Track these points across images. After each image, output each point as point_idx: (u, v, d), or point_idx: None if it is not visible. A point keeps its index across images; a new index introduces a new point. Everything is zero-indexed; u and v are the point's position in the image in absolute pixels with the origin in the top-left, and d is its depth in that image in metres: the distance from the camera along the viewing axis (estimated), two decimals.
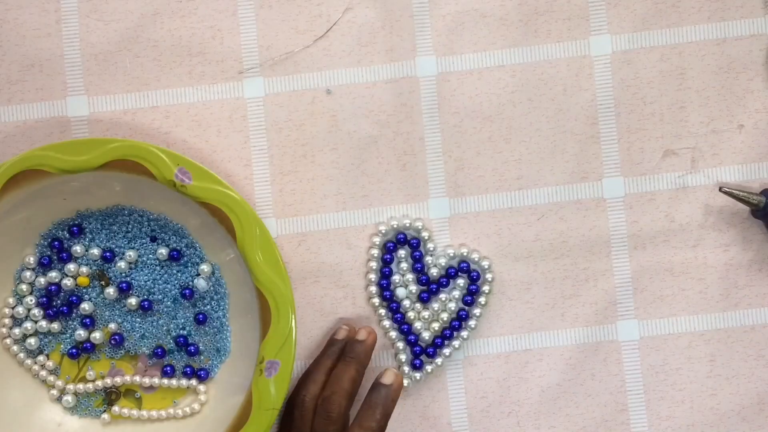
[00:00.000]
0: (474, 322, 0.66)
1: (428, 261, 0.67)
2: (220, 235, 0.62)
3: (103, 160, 0.61)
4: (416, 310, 0.67)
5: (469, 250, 0.67)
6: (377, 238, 0.66)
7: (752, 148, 0.66)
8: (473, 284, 0.66)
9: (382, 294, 0.67)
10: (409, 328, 0.67)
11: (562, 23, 0.66)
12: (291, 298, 0.61)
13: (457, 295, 0.66)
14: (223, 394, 0.64)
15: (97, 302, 0.65)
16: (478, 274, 0.67)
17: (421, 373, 0.67)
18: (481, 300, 0.66)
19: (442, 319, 0.67)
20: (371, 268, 0.66)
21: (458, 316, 0.67)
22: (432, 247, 0.66)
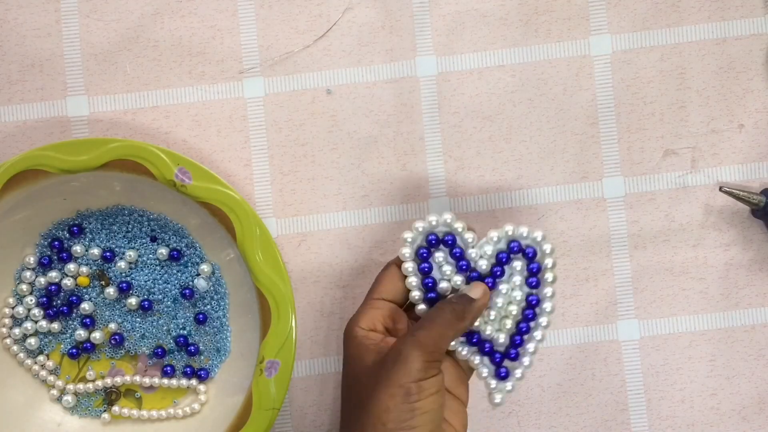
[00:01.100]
0: (549, 305, 0.59)
1: (472, 254, 0.59)
2: (220, 235, 0.62)
3: (103, 160, 0.61)
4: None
5: (514, 227, 0.59)
6: (406, 249, 0.59)
7: (752, 148, 0.66)
8: (532, 263, 0.59)
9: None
10: (478, 336, 0.59)
11: (562, 23, 0.66)
12: (291, 298, 0.61)
13: (518, 282, 0.59)
14: (223, 394, 0.64)
15: (97, 302, 0.65)
16: (534, 250, 0.59)
17: (512, 382, 0.60)
18: (547, 277, 0.59)
19: (511, 314, 0.60)
20: (411, 285, 0.59)
21: (529, 304, 0.59)
22: (471, 238, 0.59)
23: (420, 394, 0.55)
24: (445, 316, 0.57)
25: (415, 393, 0.55)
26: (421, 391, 0.55)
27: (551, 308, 0.59)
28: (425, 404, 0.55)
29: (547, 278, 0.59)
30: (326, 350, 0.66)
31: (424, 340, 0.56)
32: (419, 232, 0.59)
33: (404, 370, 0.55)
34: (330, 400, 0.66)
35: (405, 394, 0.55)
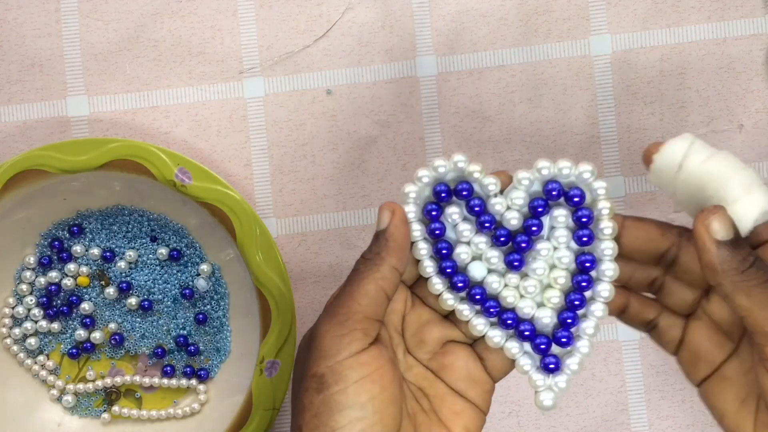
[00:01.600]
0: (611, 267, 0.45)
1: (496, 206, 0.45)
2: (220, 235, 0.62)
3: (103, 160, 0.61)
4: (512, 285, 0.46)
5: (551, 164, 0.45)
6: (410, 207, 0.46)
7: (752, 148, 0.66)
8: (581, 210, 0.45)
9: (451, 285, 0.46)
10: (514, 317, 0.46)
11: (562, 23, 0.66)
12: (291, 298, 0.61)
13: (563, 238, 0.45)
14: (223, 394, 0.64)
15: (97, 302, 0.65)
16: (582, 192, 0.45)
17: (566, 376, 0.46)
18: (604, 228, 0.45)
19: (557, 283, 0.46)
20: (420, 253, 0.47)
21: (581, 268, 0.45)
22: (493, 185, 0.45)
23: (337, 382, 0.43)
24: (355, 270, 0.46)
25: (328, 381, 0.43)
26: (338, 379, 0.43)
27: (614, 271, 0.45)
28: (347, 396, 0.43)
29: (604, 229, 0.45)
30: None
31: (330, 306, 0.45)
32: (424, 183, 0.46)
33: (314, 353, 0.44)
34: None
35: (317, 385, 0.43)
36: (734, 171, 0.48)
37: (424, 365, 0.49)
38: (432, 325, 0.49)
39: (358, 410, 0.43)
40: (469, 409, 0.48)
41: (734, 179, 0.48)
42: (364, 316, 0.44)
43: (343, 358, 0.43)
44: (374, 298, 0.45)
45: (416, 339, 0.49)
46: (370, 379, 0.43)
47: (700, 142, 0.50)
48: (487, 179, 0.45)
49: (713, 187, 0.48)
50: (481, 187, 0.46)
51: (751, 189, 0.48)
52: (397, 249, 0.45)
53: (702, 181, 0.48)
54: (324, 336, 0.44)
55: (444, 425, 0.47)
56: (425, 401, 0.49)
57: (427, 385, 0.49)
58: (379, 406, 0.43)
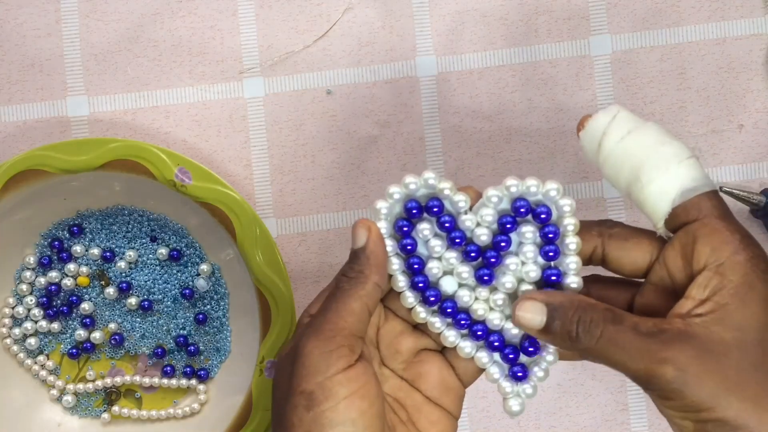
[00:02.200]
0: (575, 280, 0.47)
1: (467, 222, 0.47)
2: (220, 235, 0.62)
3: (103, 160, 0.61)
4: (482, 298, 0.48)
5: (519, 182, 0.46)
6: (381, 223, 0.47)
7: (752, 148, 0.66)
8: (547, 226, 0.46)
9: (423, 299, 0.48)
10: (484, 328, 0.48)
11: (562, 23, 0.66)
12: (291, 298, 0.61)
13: (531, 253, 0.47)
14: (223, 394, 0.64)
15: (97, 302, 0.65)
16: (548, 210, 0.46)
17: (531, 384, 0.49)
18: (569, 244, 0.46)
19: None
20: (392, 269, 0.48)
21: (548, 282, 0.47)
22: (463, 201, 0.46)
23: (326, 399, 0.43)
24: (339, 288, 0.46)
25: (318, 398, 0.43)
26: (328, 395, 0.43)
27: (578, 284, 0.47)
28: (338, 413, 0.43)
29: (569, 245, 0.47)
30: None
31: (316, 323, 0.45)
32: (396, 200, 0.47)
33: (301, 370, 0.44)
34: None
35: (307, 402, 0.43)
36: (653, 148, 0.46)
37: (399, 375, 0.50)
38: (405, 335, 0.50)
39: (349, 426, 0.43)
40: (444, 417, 0.50)
41: (650, 158, 0.46)
42: (350, 333, 0.45)
43: (332, 374, 0.44)
44: (359, 315, 0.46)
45: (391, 350, 0.50)
46: (359, 395, 0.44)
47: (623, 114, 0.47)
48: (457, 196, 0.46)
49: (629, 168, 0.47)
50: (452, 204, 0.47)
51: (669, 168, 0.46)
52: (379, 266, 0.47)
53: (620, 161, 0.47)
54: (311, 353, 0.44)
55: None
56: (403, 412, 0.50)
57: (403, 396, 0.50)
58: (368, 422, 0.44)
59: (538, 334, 0.46)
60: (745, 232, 0.46)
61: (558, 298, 0.45)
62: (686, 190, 0.46)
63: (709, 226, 0.46)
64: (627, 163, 0.47)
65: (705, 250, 0.45)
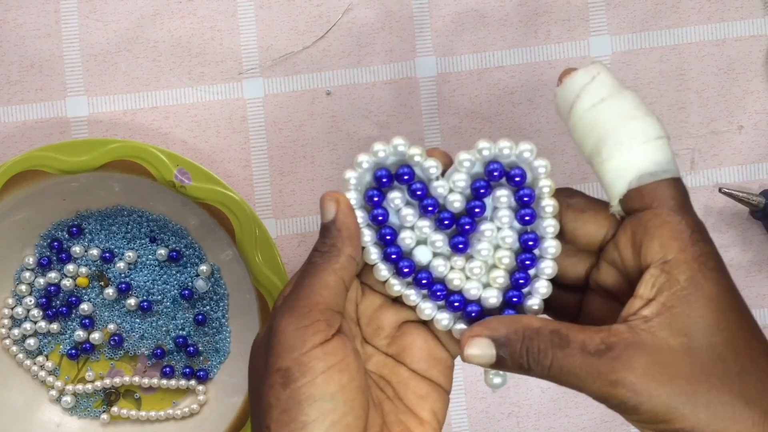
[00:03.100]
0: (553, 244, 0.45)
1: (439, 189, 0.45)
2: (220, 235, 0.62)
3: (103, 161, 0.61)
4: (458, 268, 0.46)
5: (491, 144, 0.45)
6: (351, 193, 0.45)
7: (752, 149, 0.66)
8: (522, 189, 0.45)
9: (397, 271, 0.46)
10: (461, 299, 0.46)
11: (562, 24, 0.66)
12: None
13: (506, 218, 0.45)
14: (222, 395, 0.64)
15: (96, 303, 0.65)
16: (523, 172, 0.45)
17: None
18: (546, 206, 0.45)
19: (502, 263, 0.46)
20: (364, 241, 0.46)
21: (525, 247, 0.45)
22: (434, 168, 0.45)
23: (303, 374, 0.42)
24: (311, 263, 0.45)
25: (295, 374, 0.42)
26: (304, 371, 0.42)
27: (556, 248, 0.45)
28: (315, 388, 0.42)
29: (545, 208, 0.45)
30: None
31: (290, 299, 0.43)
32: (364, 169, 0.45)
33: (276, 348, 0.42)
34: None
35: (283, 379, 0.42)
36: (621, 121, 0.44)
37: (383, 352, 0.49)
38: (385, 309, 0.48)
39: (328, 401, 0.42)
40: (433, 391, 0.48)
41: (616, 132, 0.44)
42: (326, 307, 0.44)
43: (308, 350, 0.42)
44: (335, 289, 0.44)
45: (372, 326, 0.48)
46: (338, 368, 0.43)
47: (602, 77, 0.45)
48: (428, 162, 0.45)
49: (594, 138, 0.44)
50: (423, 171, 0.45)
51: (632, 147, 0.44)
52: (352, 238, 0.45)
53: (587, 128, 0.45)
54: (285, 329, 0.42)
55: (411, 411, 0.47)
56: (389, 389, 0.48)
57: (388, 373, 0.48)
58: (349, 396, 0.43)
59: (493, 368, 0.45)
60: (698, 226, 0.44)
61: (502, 330, 0.44)
62: (645, 174, 0.44)
63: (660, 218, 0.44)
64: (593, 133, 0.45)
65: (653, 244, 0.43)
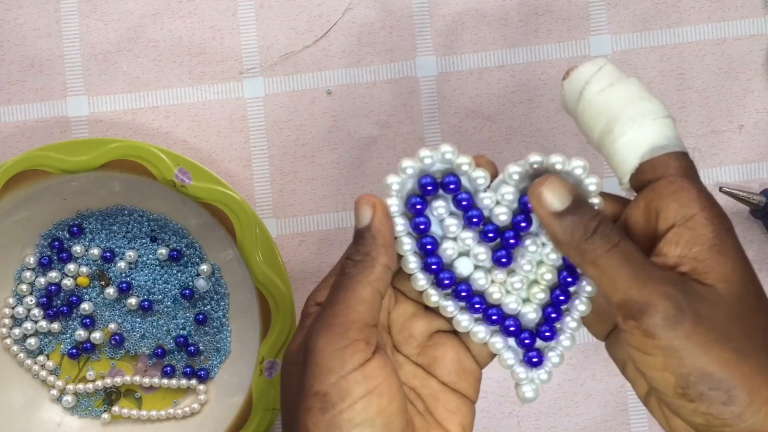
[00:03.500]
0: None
1: (485, 201, 0.44)
2: (220, 235, 0.62)
3: (103, 160, 0.61)
4: (499, 281, 0.46)
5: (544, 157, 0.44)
6: (392, 200, 0.44)
7: (752, 148, 0.66)
8: None
9: (437, 282, 0.45)
10: (499, 313, 0.45)
11: (562, 23, 0.66)
12: (291, 298, 0.61)
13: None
14: (223, 394, 0.64)
15: (97, 302, 0.65)
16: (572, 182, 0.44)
17: (547, 369, 0.47)
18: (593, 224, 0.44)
19: (543, 279, 0.46)
20: (404, 249, 0.45)
21: (567, 264, 0.45)
22: (482, 178, 0.44)
23: (342, 399, 0.41)
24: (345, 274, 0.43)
25: (333, 399, 0.41)
26: (344, 396, 0.41)
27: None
28: (355, 414, 0.41)
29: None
30: None
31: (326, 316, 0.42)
32: (409, 175, 0.44)
33: (314, 370, 0.41)
34: None
35: (321, 404, 0.41)
36: (631, 101, 0.46)
37: (414, 361, 0.48)
38: (417, 317, 0.48)
39: (367, 427, 0.41)
40: (462, 405, 0.48)
41: (626, 112, 0.45)
42: (364, 324, 0.43)
43: (347, 373, 0.41)
44: (371, 303, 0.43)
45: (404, 334, 0.48)
46: (377, 392, 0.42)
47: (609, 68, 0.47)
48: (476, 172, 0.44)
49: (605, 119, 0.46)
50: (470, 181, 0.44)
51: (644, 123, 0.45)
52: (387, 246, 0.44)
53: (599, 111, 0.46)
54: (323, 350, 0.41)
55: (441, 426, 0.47)
56: (419, 402, 0.48)
57: (418, 384, 0.48)
58: (388, 419, 0.42)
59: (550, 217, 0.43)
60: (709, 193, 0.45)
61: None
62: (656, 146, 0.45)
63: (675, 184, 0.45)
64: (604, 114, 0.46)
65: (672, 206, 0.44)
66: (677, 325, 0.42)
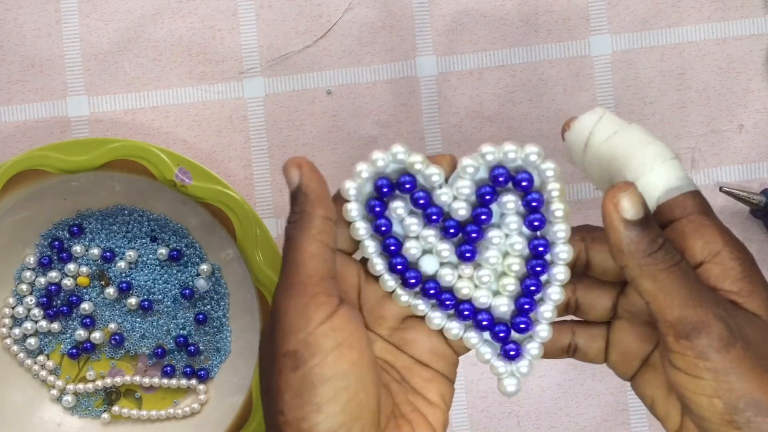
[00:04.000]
0: (565, 249, 0.44)
1: (443, 197, 0.44)
2: (220, 235, 0.62)
3: (103, 160, 0.61)
4: (466, 276, 0.46)
5: (497, 147, 0.44)
6: (351, 205, 0.44)
7: (752, 148, 0.66)
8: (530, 194, 0.44)
9: (403, 282, 0.45)
10: (471, 308, 0.45)
11: (562, 23, 0.66)
12: None
13: (514, 224, 0.44)
14: (223, 394, 0.64)
15: (97, 302, 0.65)
16: (530, 176, 0.44)
17: (526, 361, 0.46)
18: (555, 210, 0.44)
19: (512, 270, 0.45)
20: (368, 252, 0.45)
21: (535, 253, 0.44)
22: (437, 175, 0.43)
23: (313, 355, 0.40)
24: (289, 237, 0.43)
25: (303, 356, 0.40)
26: (313, 351, 0.40)
27: (568, 253, 0.44)
28: (327, 368, 0.40)
29: (555, 212, 0.44)
30: None
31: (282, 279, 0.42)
32: (364, 179, 0.44)
33: (281, 331, 0.41)
34: None
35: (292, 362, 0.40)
36: (639, 147, 0.46)
37: (386, 340, 0.47)
38: (389, 300, 0.47)
39: (341, 380, 0.41)
40: (438, 377, 0.47)
41: (636, 156, 0.46)
42: (320, 277, 0.42)
43: (314, 328, 0.41)
44: (321, 255, 0.42)
45: (374, 315, 0.47)
46: (347, 345, 0.41)
47: (609, 116, 0.48)
48: (429, 170, 0.43)
49: (616, 166, 0.47)
50: (425, 179, 0.44)
51: (654, 166, 0.46)
52: (321, 198, 0.43)
53: (607, 159, 0.47)
54: (286, 311, 0.41)
55: (418, 393, 0.46)
56: (394, 372, 0.47)
57: (392, 358, 0.47)
58: (360, 372, 0.41)
59: (620, 223, 0.43)
60: (726, 228, 0.47)
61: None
62: (671, 188, 0.46)
63: (696, 222, 0.46)
64: (613, 162, 0.47)
65: (698, 244, 0.45)
66: (730, 347, 0.42)
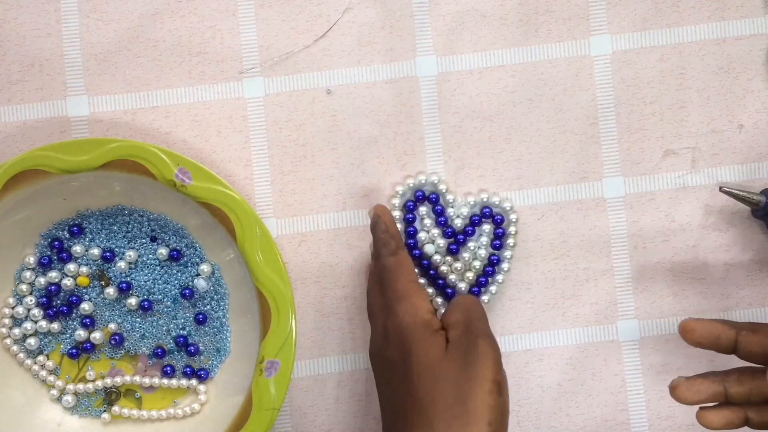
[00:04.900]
0: (506, 265, 0.66)
1: (450, 213, 0.66)
2: (220, 235, 0.62)
3: (103, 160, 0.61)
4: (447, 263, 0.66)
5: (489, 194, 0.66)
6: (396, 199, 0.66)
7: (752, 148, 0.66)
8: (499, 228, 0.66)
9: (411, 253, 0.66)
10: (444, 282, 0.66)
11: (562, 23, 0.66)
12: (291, 298, 0.61)
13: (485, 241, 0.66)
14: (223, 394, 0.64)
15: (97, 302, 0.65)
16: (502, 217, 0.66)
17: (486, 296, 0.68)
18: (509, 242, 0.66)
19: (474, 267, 0.66)
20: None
21: (490, 261, 0.66)
22: (452, 199, 0.66)
23: (506, 386, 0.56)
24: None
25: (505, 386, 0.56)
26: (506, 384, 0.56)
27: (507, 268, 0.66)
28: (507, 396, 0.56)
29: (508, 242, 0.66)
30: (326, 350, 0.66)
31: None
32: (409, 187, 0.66)
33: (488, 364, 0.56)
34: (330, 400, 0.66)
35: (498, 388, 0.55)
36: None
37: None
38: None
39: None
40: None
41: None
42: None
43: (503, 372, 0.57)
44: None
45: None
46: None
47: None
48: (449, 195, 0.66)
49: None
50: (444, 199, 0.66)
51: None
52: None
53: None
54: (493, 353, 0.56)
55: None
56: None
57: None
58: None
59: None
60: None
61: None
62: None
63: None
64: None
65: None
66: None
